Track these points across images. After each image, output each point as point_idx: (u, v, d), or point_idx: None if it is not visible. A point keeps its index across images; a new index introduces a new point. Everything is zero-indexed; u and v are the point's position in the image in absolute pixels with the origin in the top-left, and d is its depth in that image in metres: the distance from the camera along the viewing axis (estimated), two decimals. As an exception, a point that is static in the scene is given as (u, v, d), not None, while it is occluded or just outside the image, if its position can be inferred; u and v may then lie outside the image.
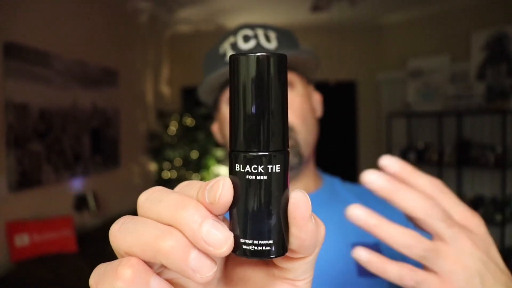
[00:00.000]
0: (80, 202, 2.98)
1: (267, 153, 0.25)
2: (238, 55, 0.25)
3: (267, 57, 0.25)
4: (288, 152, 0.26)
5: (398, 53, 4.10)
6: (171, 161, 3.97)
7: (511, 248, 3.20)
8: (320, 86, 0.80)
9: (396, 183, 0.41)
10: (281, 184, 0.26)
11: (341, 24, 4.12)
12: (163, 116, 4.06)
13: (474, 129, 3.48)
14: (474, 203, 3.36)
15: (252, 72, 0.25)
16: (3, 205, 2.38)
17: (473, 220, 0.42)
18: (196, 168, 3.93)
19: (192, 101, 3.98)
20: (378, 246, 0.66)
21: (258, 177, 0.25)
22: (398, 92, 4.09)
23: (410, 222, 0.71)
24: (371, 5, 3.66)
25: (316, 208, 0.68)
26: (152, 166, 4.13)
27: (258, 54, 0.25)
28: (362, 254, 0.43)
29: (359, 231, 0.68)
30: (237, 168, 0.25)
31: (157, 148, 4.00)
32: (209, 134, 3.82)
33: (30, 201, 2.57)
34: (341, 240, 0.66)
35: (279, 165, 0.25)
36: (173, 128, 4.00)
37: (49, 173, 2.72)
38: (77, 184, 3.02)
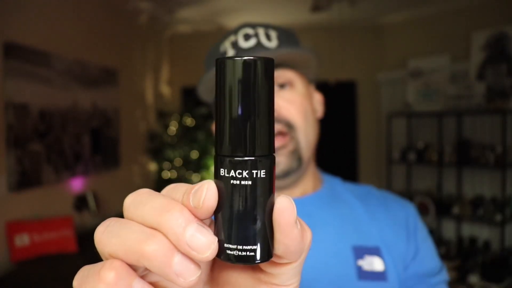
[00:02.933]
0: (80, 202, 2.98)
1: (252, 158, 0.25)
2: (225, 59, 0.25)
3: (254, 61, 0.25)
4: (274, 157, 0.26)
5: (398, 53, 4.09)
6: (171, 161, 3.96)
7: (511, 248, 3.20)
8: (320, 86, 0.80)
9: None
10: (266, 189, 0.25)
11: (341, 24, 4.12)
12: (163, 116, 4.06)
13: (474, 129, 3.48)
14: (474, 203, 3.36)
15: (238, 76, 0.25)
16: (3, 205, 2.38)
17: None
18: (196, 168, 3.93)
19: (192, 101, 3.98)
20: (378, 250, 0.65)
21: (243, 182, 0.25)
22: (398, 92, 4.09)
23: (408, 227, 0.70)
24: (371, 5, 3.66)
25: (316, 209, 0.68)
26: (152, 166, 4.13)
27: (245, 57, 0.25)
28: None
29: (359, 234, 0.67)
30: (222, 173, 0.25)
31: (157, 148, 4.00)
32: (209, 134, 3.82)
33: (30, 201, 2.57)
34: (341, 242, 0.65)
35: (264, 170, 0.25)
36: (173, 128, 4.00)
37: (49, 173, 2.72)
38: (77, 184, 3.02)
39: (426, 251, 0.68)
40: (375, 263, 0.63)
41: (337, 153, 4.36)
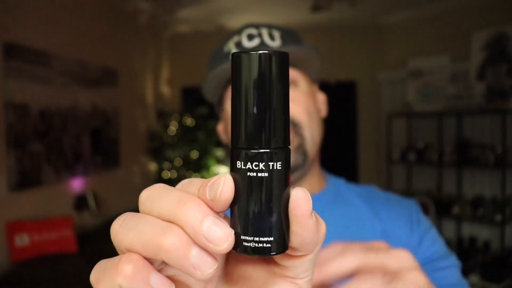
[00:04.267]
0: (80, 202, 2.98)
1: (268, 150, 0.25)
2: (240, 53, 0.25)
3: (269, 55, 0.25)
4: (289, 149, 0.26)
5: (398, 53, 4.10)
6: (171, 161, 3.96)
7: (511, 248, 3.20)
8: (320, 86, 0.80)
9: None
10: (282, 181, 0.26)
11: (341, 24, 4.12)
12: (163, 116, 4.06)
13: (474, 129, 3.48)
14: (474, 203, 3.36)
15: (254, 69, 0.25)
16: (3, 205, 2.38)
17: (405, 258, 0.42)
18: (196, 168, 3.93)
19: (192, 101, 3.98)
20: None
21: (259, 174, 0.25)
22: (398, 92, 4.09)
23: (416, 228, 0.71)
24: (371, 5, 3.66)
25: (320, 209, 0.68)
26: (152, 166, 4.13)
27: (260, 51, 0.25)
28: None
29: (362, 233, 0.67)
30: (239, 165, 0.26)
31: (157, 148, 4.00)
32: (209, 134, 3.82)
33: (30, 201, 2.57)
34: (345, 241, 0.66)
35: (280, 162, 0.26)
36: (173, 128, 4.00)
37: (49, 173, 2.72)
38: (77, 184, 3.02)
39: (430, 239, 0.68)
40: None
41: (337, 153, 4.36)
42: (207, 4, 3.57)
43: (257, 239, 0.25)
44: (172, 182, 3.89)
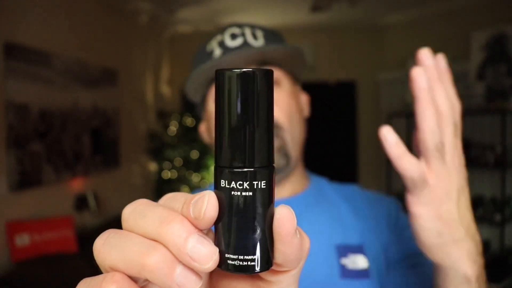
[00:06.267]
0: (80, 202, 2.98)
1: (252, 169, 0.25)
2: (224, 70, 0.25)
3: (253, 73, 0.25)
4: (273, 167, 0.26)
5: (398, 53, 4.10)
6: (171, 161, 3.97)
7: (511, 248, 3.20)
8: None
9: (426, 95, 0.46)
10: (266, 200, 0.25)
11: (341, 24, 4.12)
12: (163, 116, 4.06)
13: (474, 129, 3.48)
14: (474, 203, 3.36)
15: (238, 87, 0.25)
16: (3, 205, 2.38)
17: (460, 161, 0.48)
18: (196, 168, 3.93)
19: (192, 101, 3.98)
20: (362, 248, 0.65)
21: (243, 193, 0.25)
22: (398, 92, 4.09)
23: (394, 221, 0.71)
24: (371, 5, 3.66)
25: (303, 209, 0.69)
26: (152, 166, 4.13)
27: (244, 69, 0.25)
28: (391, 137, 0.46)
29: (344, 233, 0.67)
30: (222, 184, 0.25)
31: (157, 148, 4.00)
32: (209, 134, 3.82)
33: (30, 201, 2.58)
34: (326, 241, 0.66)
35: (264, 181, 0.25)
36: (173, 128, 4.00)
37: (49, 173, 2.72)
38: (77, 184, 3.02)
39: (408, 235, 0.68)
40: (358, 261, 0.64)
41: (337, 153, 4.36)
42: (207, 4, 3.57)
43: (241, 257, 0.25)
44: (172, 182, 3.89)
